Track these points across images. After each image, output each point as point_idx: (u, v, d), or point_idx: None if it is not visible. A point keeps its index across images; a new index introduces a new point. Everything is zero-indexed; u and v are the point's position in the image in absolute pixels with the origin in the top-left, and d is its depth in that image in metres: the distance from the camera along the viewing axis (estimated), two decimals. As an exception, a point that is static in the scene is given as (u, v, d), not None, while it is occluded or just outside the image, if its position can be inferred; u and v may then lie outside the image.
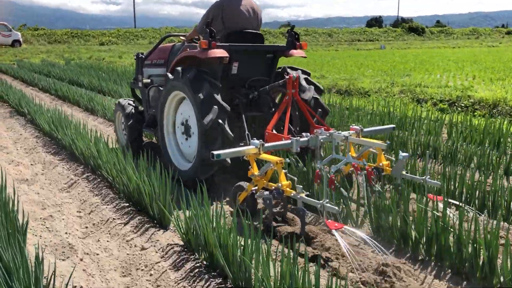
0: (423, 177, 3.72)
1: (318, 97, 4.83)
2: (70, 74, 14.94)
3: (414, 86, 10.06)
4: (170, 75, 4.55)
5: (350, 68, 17.45)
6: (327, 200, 3.14)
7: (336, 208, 3.12)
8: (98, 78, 13.07)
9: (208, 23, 4.52)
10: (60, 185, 4.99)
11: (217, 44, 4.29)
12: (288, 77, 4.35)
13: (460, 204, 3.46)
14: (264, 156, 3.67)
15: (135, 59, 5.80)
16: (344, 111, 7.53)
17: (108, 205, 4.28)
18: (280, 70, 4.97)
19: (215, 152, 3.58)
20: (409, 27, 68.20)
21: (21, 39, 37.37)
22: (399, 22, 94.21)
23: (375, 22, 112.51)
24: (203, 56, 4.24)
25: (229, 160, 4.12)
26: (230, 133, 4.17)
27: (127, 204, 4.18)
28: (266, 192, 3.48)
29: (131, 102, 5.84)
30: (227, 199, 4.19)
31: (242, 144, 4.27)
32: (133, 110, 5.66)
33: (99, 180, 4.91)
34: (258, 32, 4.87)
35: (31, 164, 5.76)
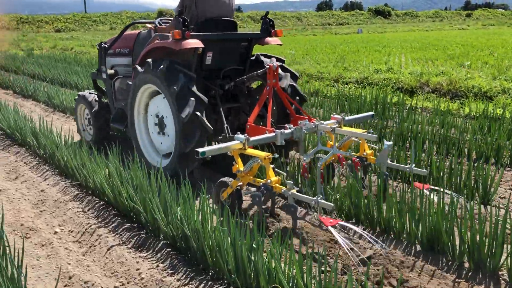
0: (409, 166, 3.70)
1: (295, 84, 4.68)
2: (52, 72, 11.52)
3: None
4: (139, 68, 4.28)
5: (377, 56, 14.92)
6: (321, 196, 3.16)
7: (332, 204, 3.07)
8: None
9: (181, 12, 4.25)
10: None
11: (191, 34, 4.02)
12: (268, 66, 4.14)
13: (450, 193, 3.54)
14: (250, 151, 3.49)
15: (97, 48, 5.37)
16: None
17: None
18: (253, 58, 4.79)
19: (200, 150, 3.36)
20: (376, 10, 66.84)
21: (-37, 26, 32.42)
22: (348, 5, 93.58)
23: (325, 5, 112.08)
24: (177, 47, 3.98)
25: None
26: (209, 125, 3.98)
27: None
28: (254, 189, 3.43)
29: (95, 96, 5.44)
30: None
31: (221, 137, 4.21)
32: (97, 103, 5.31)
33: None
34: (231, 19, 4.62)
35: (122, 285, 2.80)
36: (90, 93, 5.49)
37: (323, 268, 2.52)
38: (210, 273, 2.82)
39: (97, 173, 3.92)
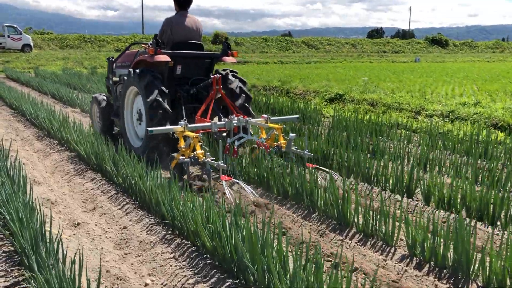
0: (303, 151, 5.01)
1: (242, 86, 6.00)
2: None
3: None
4: (132, 71, 5.53)
5: (447, 87, 13.99)
6: (222, 161, 4.47)
7: (225, 165, 4.43)
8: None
9: (157, 35, 5.66)
10: None
11: (161, 51, 5.36)
12: (212, 77, 5.52)
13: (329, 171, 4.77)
14: (187, 133, 4.79)
15: (107, 61, 6.95)
16: None
17: None
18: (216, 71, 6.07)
19: (149, 128, 4.77)
20: (432, 39, 65.16)
21: (32, 44, 33.77)
22: (400, 34, 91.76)
23: (376, 33, 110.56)
24: (151, 60, 5.36)
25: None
26: (169, 108, 5.31)
27: None
28: (187, 159, 4.57)
29: (104, 97, 6.85)
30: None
31: None
32: (105, 103, 6.70)
33: None
34: (199, 42, 5.91)
35: None
36: (100, 95, 6.94)
37: None
38: None
39: (190, 214, 3.42)
